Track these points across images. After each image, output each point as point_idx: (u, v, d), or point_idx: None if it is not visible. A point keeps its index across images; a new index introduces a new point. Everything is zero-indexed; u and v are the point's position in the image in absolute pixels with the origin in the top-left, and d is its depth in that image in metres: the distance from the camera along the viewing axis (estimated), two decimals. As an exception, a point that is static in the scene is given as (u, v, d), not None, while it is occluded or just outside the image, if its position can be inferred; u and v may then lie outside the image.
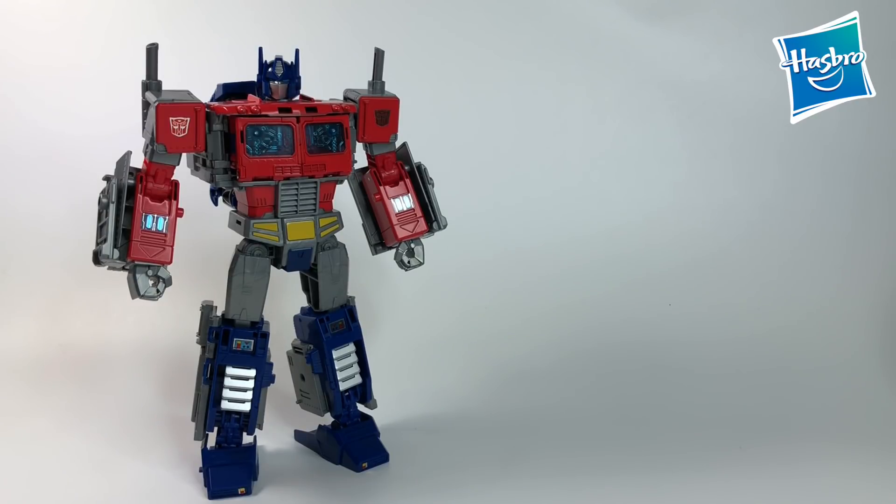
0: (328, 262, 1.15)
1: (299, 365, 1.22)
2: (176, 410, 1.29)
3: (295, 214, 1.10)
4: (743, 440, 1.27)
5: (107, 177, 1.00)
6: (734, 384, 1.42)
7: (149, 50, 1.02)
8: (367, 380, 1.23)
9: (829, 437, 1.28)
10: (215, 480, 1.09)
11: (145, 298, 1.01)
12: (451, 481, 1.15)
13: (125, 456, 1.20)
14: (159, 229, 1.01)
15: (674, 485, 1.14)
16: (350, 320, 1.20)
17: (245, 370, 1.11)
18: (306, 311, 1.21)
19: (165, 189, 1.02)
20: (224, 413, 1.12)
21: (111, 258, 0.99)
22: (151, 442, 1.24)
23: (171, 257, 1.01)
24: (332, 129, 1.09)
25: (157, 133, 1.00)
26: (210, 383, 1.11)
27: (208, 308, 1.12)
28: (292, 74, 1.09)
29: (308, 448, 1.25)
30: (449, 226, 1.19)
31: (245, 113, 1.04)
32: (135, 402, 1.38)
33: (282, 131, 1.06)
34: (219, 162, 1.06)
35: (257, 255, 1.10)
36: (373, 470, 1.18)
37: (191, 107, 1.01)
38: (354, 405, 1.22)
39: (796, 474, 1.17)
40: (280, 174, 1.06)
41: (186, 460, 1.17)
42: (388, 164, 1.18)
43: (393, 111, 1.15)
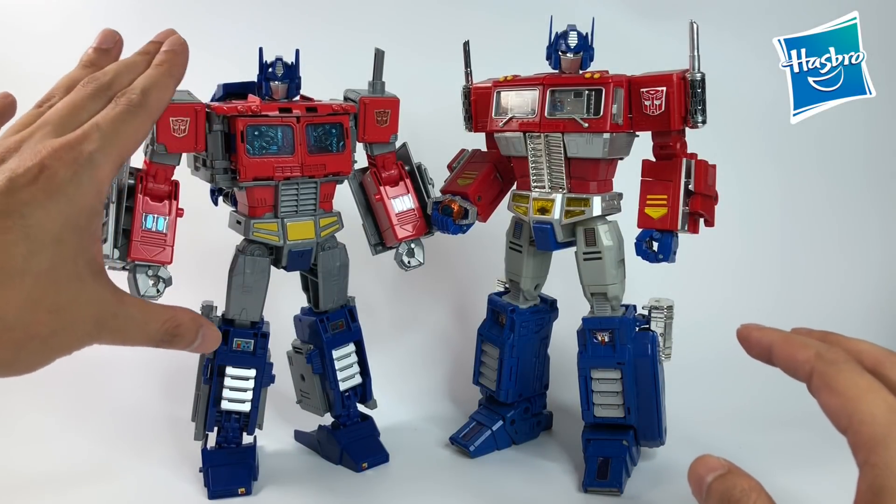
0: (328, 262, 1.15)
1: (299, 365, 1.22)
2: (176, 410, 1.29)
3: (295, 214, 1.10)
4: (743, 440, 1.27)
5: (107, 177, 1.00)
6: (733, 384, 1.42)
7: (149, 50, 1.02)
8: (367, 380, 1.23)
9: (829, 437, 1.28)
10: (215, 480, 1.09)
11: (145, 298, 1.01)
12: (451, 481, 1.16)
13: (125, 456, 1.20)
14: (159, 229, 1.01)
15: (674, 485, 1.14)
16: (350, 320, 1.20)
17: (245, 370, 1.11)
18: (306, 311, 1.21)
19: (166, 189, 1.02)
20: (224, 413, 1.12)
21: (111, 258, 0.99)
22: (151, 442, 1.24)
23: (171, 257, 1.01)
24: (332, 130, 1.09)
25: (158, 133, 1.00)
26: (210, 383, 1.11)
27: (208, 308, 1.12)
28: (292, 74, 1.09)
29: (308, 448, 1.25)
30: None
31: (245, 113, 1.04)
32: (135, 402, 1.38)
33: (282, 131, 1.06)
34: (219, 162, 1.06)
35: (257, 255, 1.10)
36: (373, 470, 1.18)
37: (191, 107, 1.01)
38: (354, 405, 1.22)
39: (796, 474, 1.17)
40: (280, 174, 1.06)
41: (186, 460, 1.17)
42: (389, 165, 1.18)
43: (393, 111, 1.16)
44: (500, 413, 1.26)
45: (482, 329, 1.28)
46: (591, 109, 1.07)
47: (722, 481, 0.47)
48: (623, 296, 1.16)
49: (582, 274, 1.14)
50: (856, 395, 0.45)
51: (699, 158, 1.08)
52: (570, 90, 1.09)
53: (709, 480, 0.48)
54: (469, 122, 1.23)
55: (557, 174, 1.12)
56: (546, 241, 1.15)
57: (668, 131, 1.08)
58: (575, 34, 1.11)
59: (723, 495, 0.46)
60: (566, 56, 1.11)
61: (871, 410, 0.44)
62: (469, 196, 1.17)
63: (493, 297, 1.28)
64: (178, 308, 0.71)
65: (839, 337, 0.53)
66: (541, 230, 1.14)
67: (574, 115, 1.08)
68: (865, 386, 0.46)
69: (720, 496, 0.46)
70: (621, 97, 1.07)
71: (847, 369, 0.47)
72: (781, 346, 0.52)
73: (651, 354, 1.12)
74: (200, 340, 0.71)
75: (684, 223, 1.07)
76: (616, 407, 1.14)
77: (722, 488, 0.47)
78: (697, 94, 1.03)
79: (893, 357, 0.49)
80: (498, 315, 1.26)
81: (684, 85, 1.04)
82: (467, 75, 1.22)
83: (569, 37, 1.11)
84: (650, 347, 1.13)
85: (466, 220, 1.16)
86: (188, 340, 0.70)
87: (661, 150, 1.10)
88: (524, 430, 1.28)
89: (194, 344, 0.71)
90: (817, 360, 0.49)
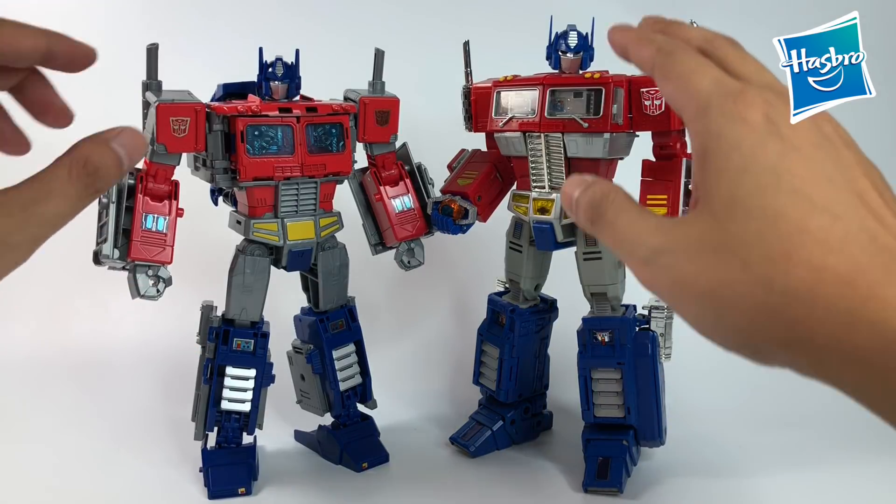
0: (328, 262, 1.15)
1: (299, 365, 1.22)
2: (176, 410, 1.29)
3: (295, 214, 1.10)
4: (743, 440, 1.27)
5: (107, 177, 1.00)
6: (733, 384, 1.42)
7: (149, 50, 1.02)
8: (367, 380, 1.23)
9: (828, 437, 1.28)
10: (215, 480, 1.09)
11: (145, 298, 1.01)
12: (451, 481, 1.16)
13: (125, 456, 1.20)
14: (159, 229, 1.01)
15: (674, 485, 1.14)
16: (350, 320, 1.20)
17: (245, 370, 1.11)
18: (306, 311, 1.21)
19: (166, 189, 1.02)
20: (224, 413, 1.12)
21: (111, 258, 0.99)
22: (151, 442, 1.24)
23: (171, 257, 1.01)
24: (332, 130, 1.09)
25: (158, 133, 1.00)
26: (210, 383, 1.11)
27: (208, 308, 1.12)
28: (292, 74, 1.09)
29: (308, 448, 1.25)
30: (449, 226, 1.19)
31: (245, 113, 1.04)
32: (135, 402, 1.38)
33: (282, 131, 1.06)
34: (219, 162, 1.06)
35: (257, 255, 1.10)
36: (373, 470, 1.18)
37: (191, 107, 1.01)
38: (354, 405, 1.22)
39: (796, 474, 1.17)
40: (280, 174, 1.06)
41: (186, 460, 1.17)
42: (389, 165, 1.18)
43: (393, 111, 1.16)
44: (500, 413, 1.26)
45: (482, 329, 1.28)
46: (591, 109, 1.07)
47: (584, 193, 0.51)
48: (623, 296, 1.16)
49: (582, 274, 1.14)
50: (686, 76, 0.49)
51: None
52: (570, 90, 1.09)
53: (575, 196, 0.52)
54: (469, 122, 1.23)
55: (557, 174, 1.12)
56: (546, 241, 1.15)
57: (669, 131, 1.08)
58: (575, 34, 1.11)
59: (588, 204, 0.51)
60: (566, 56, 1.11)
61: (697, 86, 0.47)
62: (469, 196, 1.17)
63: (493, 297, 1.28)
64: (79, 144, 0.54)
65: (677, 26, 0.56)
66: (541, 230, 1.14)
67: (574, 115, 1.08)
68: (694, 66, 0.49)
69: (586, 205, 0.51)
70: (621, 97, 1.07)
71: (680, 55, 0.50)
72: (633, 46, 0.56)
73: (651, 354, 1.12)
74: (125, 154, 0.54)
75: None
76: (616, 407, 1.14)
77: (586, 199, 0.51)
78: None
79: (720, 38, 0.53)
80: (498, 315, 1.26)
81: None
82: (467, 75, 1.22)
83: (569, 37, 1.11)
84: (650, 347, 1.13)
85: (466, 220, 1.16)
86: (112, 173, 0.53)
87: (661, 150, 1.10)
88: (524, 430, 1.28)
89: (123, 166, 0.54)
90: (657, 53, 0.52)
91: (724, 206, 0.43)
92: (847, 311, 0.40)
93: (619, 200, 0.50)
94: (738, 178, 0.43)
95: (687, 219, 0.45)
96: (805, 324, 0.41)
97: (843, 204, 0.42)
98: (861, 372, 0.40)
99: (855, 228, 0.41)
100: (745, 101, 0.45)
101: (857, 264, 0.40)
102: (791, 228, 0.41)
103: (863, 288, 0.40)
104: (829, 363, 0.41)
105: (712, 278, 0.43)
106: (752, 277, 0.42)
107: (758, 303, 0.42)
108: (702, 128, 0.46)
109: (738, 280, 0.42)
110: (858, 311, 0.39)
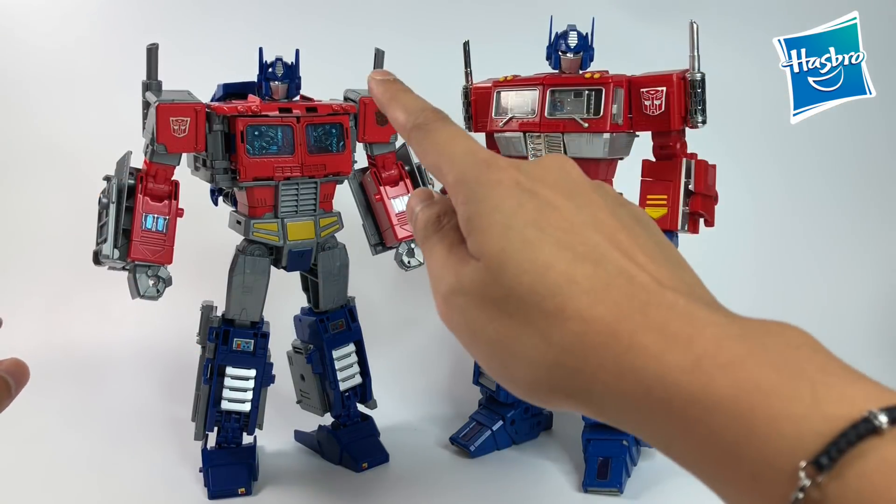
0: (328, 262, 1.15)
1: (299, 365, 1.22)
2: (176, 410, 1.29)
3: (295, 214, 1.10)
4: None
5: (107, 177, 1.00)
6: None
7: (149, 50, 1.02)
8: (367, 380, 1.23)
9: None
10: (215, 480, 1.09)
11: (145, 298, 1.01)
12: (451, 481, 1.16)
13: (125, 456, 1.20)
14: (159, 229, 1.01)
15: (674, 485, 1.14)
16: (350, 320, 1.20)
17: (245, 370, 1.11)
18: (306, 311, 1.21)
19: (166, 189, 1.02)
20: (224, 413, 1.12)
21: (111, 258, 0.99)
22: (151, 442, 1.24)
23: (171, 257, 1.01)
24: (332, 130, 1.09)
25: (158, 133, 1.00)
26: (210, 383, 1.11)
27: (208, 308, 1.12)
28: (292, 75, 1.09)
29: (308, 448, 1.25)
30: (449, 226, 1.19)
31: (245, 113, 1.04)
32: (135, 402, 1.38)
33: (282, 131, 1.06)
34: (219, 162, 1.06)
35: (257, 255, 1.10)
36: (373, 470, 1.18)
37: (191, 107, 1.01)
38: (354, 405, 1.22)
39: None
40: (280, 174, 1.06)
41: (186, 460, 1.17)
42: (389, 165, 1.18)
43: (393, 111, 1.15)
44: (500, 413, 1.26)
45: (482, 329, 1.28)
46: (591, 109, 1.07)
47: (423, 210, 0.52)
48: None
49: None
50: (441, 150, 0.50)
51: (699, 158, 1.08)
52: (570, 90, 1.09)
53: (417, 210, 0.53)
54: (469, 122, 1.23)
55: None
56: None
57: (668, 131, 1.08)
58: (575, 34, 1.11)
59: (423, 222, 0.52)
60: (566, 56, 1.11)
61: (452, 158, 0.49)
62: None
63: None
64: None
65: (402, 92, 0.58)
66: None
67: (574, 115, 1.08)
68: (447, 138, 0.51)
69: (421, 223, 0.52)
70: (621, 97, 1.07)
71: (434, 129, 0.52)
72: (388, 109, 0.57)
73: None
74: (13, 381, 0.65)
75: (684, 223, 1.07)
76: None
77: (423, 217, 0.52)
78: (697, 93, 1.03)
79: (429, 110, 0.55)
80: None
81: (684, 85, 1.04)
82: (467, 75, 1.22)
83: (569, 37, 1.11)
84: None
85: None
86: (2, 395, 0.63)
87: (661, 150, 1.10)
88: (524, 430, 1.28)
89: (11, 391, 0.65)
90: (413, 129, 0.54)
91: (496, 262, 0.44)
92: (614, 360, 0.40)
93: (446, 229, 0.50)
94: (504, 234, 0.44)
95: (476, 265, 0.46)
96: (582, 376, 0.42)
97: (599, 249, 0.43)
98: (636, 418, 0.41)
99: (614, 272, 0.42)
100: (497, 167, 0.47)
101: (619, 311, 0.41)
102: (560, 279, 0.42)
103: (624, 336, 0.40)
104: (609, 411, 0.42)
105: (499, 329, 0.44)
106: (533, 331, 0.43)
107: (540, 356, 0.43)
108: (461, 198, 0.47)
109: (521, 333, 0.43)
110: (622, 360, 0.40)
